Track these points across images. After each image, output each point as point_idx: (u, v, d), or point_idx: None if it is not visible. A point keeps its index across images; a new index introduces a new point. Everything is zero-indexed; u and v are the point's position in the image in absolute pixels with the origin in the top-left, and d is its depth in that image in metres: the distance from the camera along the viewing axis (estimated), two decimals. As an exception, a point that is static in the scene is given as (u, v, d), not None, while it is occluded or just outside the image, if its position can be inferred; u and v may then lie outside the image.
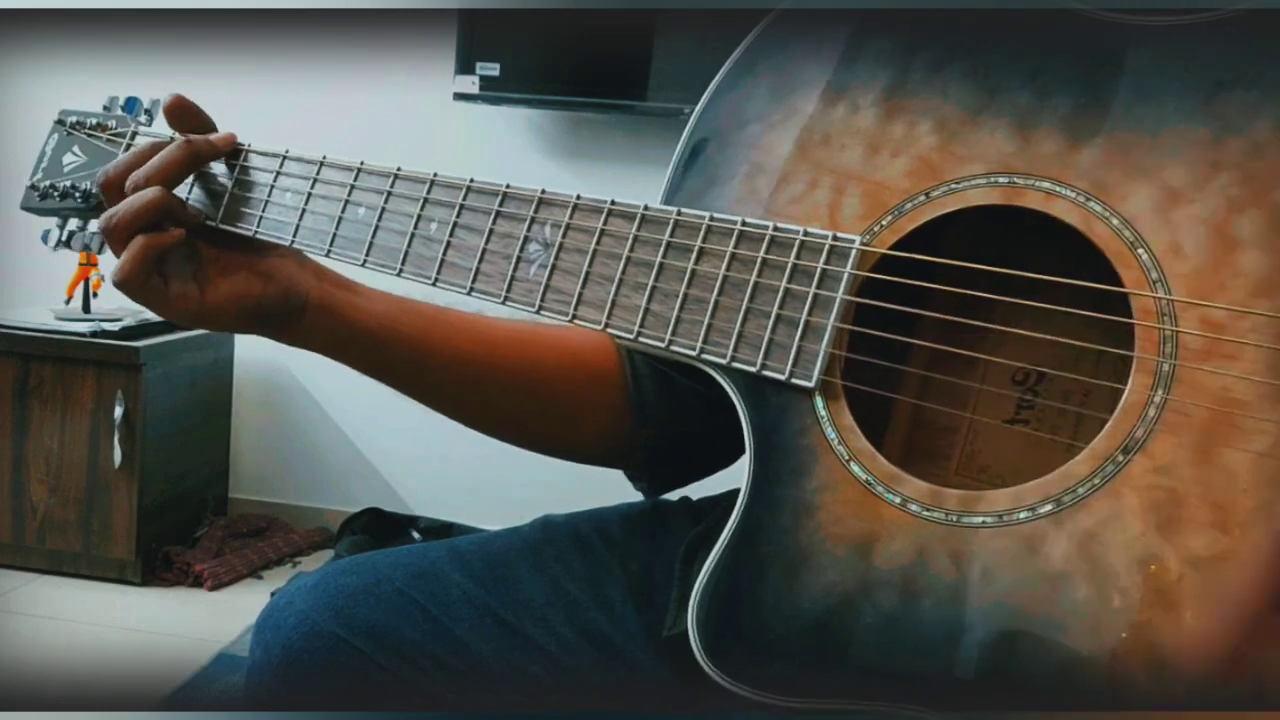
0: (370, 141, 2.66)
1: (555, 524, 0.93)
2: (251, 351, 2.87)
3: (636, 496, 0.97)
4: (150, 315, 2.62)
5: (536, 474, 2.38)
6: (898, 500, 0.66)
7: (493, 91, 2.59)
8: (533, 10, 2.56)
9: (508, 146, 2.74)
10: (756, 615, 0.67)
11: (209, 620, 2.36)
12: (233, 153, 0.87)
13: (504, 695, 0.82)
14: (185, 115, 0.87)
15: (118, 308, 2.64)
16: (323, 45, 2.76)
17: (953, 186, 0.70)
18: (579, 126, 2.75)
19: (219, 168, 0.87)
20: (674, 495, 0.97)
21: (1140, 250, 0.63)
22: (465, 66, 2.59)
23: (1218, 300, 0.61)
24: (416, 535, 2.71)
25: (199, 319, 0.84)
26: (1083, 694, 0.58)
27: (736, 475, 0.75)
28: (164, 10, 2.80)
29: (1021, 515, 0.63)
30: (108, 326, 2.53)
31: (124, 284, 0.82)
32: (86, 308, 2.61)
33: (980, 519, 0.64)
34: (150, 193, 0.81)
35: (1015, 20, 0.72)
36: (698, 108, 0.80)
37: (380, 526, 2.73)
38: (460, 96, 2.60)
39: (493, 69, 2.58)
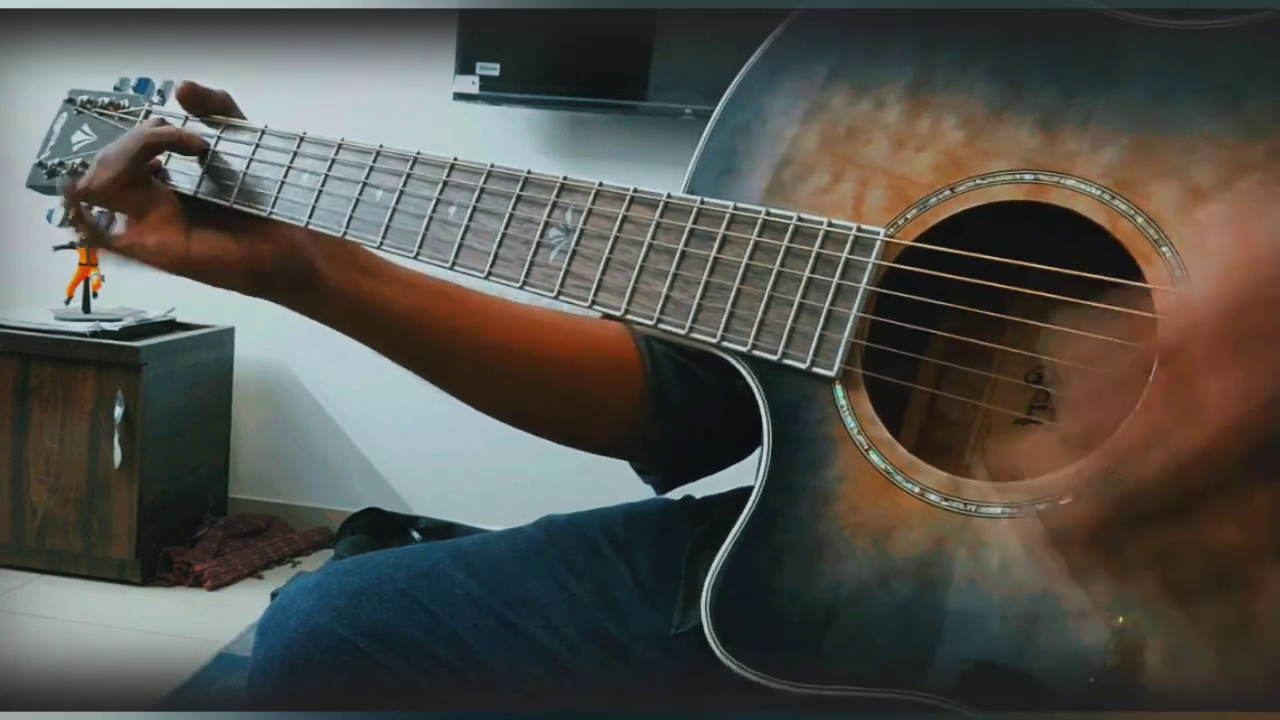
0: (370, 141, 2.65)
1: (559, 524, 0.92)
2: (252, 351, 2.87)
3: (638, 497, 0.97)
4: (150, 315, 2.63)
5: (537, 474, 2.39)
6: (916, 490, 0.66)
7: (493, 91, 2.59)
8: (533, 10, 2.56)
9: (508, 146, 2.74)
10: (771, 602, 0.67)
11: (209, 620, 2.36)
12: (250, 133, 0.87)
13: (508, 696, 0.82)
14: (199, 101, 0.89)
15: (118, 308, 2.63)
16: (323, 45, 2.76)
17: (978, 182, 0.70)
18: (579, 126, 2.75)
19: (235, 148, 0.88)
20: (677, 494, 0.96)
21: (1164, 248, 0.63)
22: (465, 66, 2.59)
23: None
24: (416, 535, 2.71)
25: (183, 264, 0.85)
26: (1097, 687, 0.58)
27: (740, 474, 0.75)
28: (164, 10, 2.79)
29: (1040, 507, 0.62)
30: (108, 326, 2.52)
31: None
32: (86, 308, 2.60)
33: (999, 510, 0.64)
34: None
35: (1040, 19, 0.72)
36: (722, 101, 0.80)
37: (380, 526, 2.73)
38: (460, 96, 2.60)
39: (493, 69, 2.58)
